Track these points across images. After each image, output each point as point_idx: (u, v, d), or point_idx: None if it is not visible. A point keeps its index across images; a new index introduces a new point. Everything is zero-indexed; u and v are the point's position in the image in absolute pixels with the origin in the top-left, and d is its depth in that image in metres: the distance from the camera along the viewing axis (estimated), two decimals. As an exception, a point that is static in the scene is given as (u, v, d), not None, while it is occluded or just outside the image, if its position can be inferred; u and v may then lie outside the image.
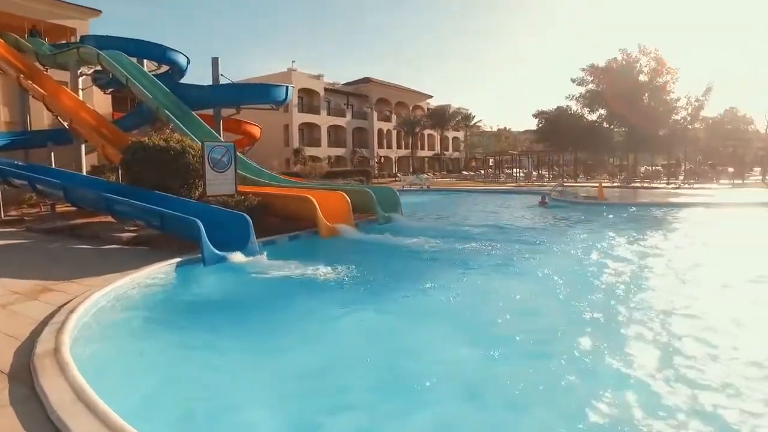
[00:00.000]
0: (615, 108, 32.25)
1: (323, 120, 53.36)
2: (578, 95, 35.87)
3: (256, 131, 29.46)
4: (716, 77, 78.64)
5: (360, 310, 6.41)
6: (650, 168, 41.06)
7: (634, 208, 18.42)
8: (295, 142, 49.45)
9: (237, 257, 8.75)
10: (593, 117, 35.47)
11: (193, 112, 18.60)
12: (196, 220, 8.49)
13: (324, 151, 52.75)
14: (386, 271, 8.57)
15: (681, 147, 32.69)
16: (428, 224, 14.77)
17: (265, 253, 9.08)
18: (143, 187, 11.35)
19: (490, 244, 10.92)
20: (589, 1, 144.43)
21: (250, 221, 9.40)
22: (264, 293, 7.46)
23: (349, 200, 12.58)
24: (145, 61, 22.62)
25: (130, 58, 20.20)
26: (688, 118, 33.18)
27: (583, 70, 34.69)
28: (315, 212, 11.24)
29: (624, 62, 32.28)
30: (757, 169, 36.64)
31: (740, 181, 31.04)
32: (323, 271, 8.21)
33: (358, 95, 60.62)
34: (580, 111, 35.82)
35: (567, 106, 36.76)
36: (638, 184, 31.47)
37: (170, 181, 11.65)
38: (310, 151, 49.62)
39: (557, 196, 22.77)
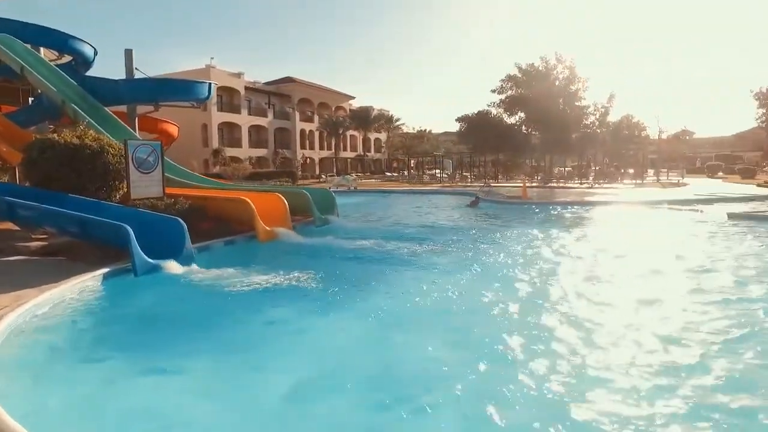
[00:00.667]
0: (533, 112, 34.11)
1: (244, 120, 51.44)
2: (498, 101, 37.50)
3: (173, 130, 27.63)
4: (617, 86, 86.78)
5: (313, 318, 6.05)
6: (563, 169, 43.84)
7: (557, 207, 19.40)
8: (215, 143, 47.22)
9: (172, 266, 8.00)
10: (512, 120, 37.27)
11: (106, 108, 16.98)
12: (125, 225, 7.64)
13: (245, 151, 50.88)
14: (334, 275, 8.17)
15: (591, 149, 35.23)
16: (367, 225, 14.56)
17: (197, 261, 8.41)
18: (52, 190, 10.10)
19: (432, 244, 10.91)
20: (512, 9, 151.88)
21: (185, 226, 8.65)
22: (207, 305, 6.82)
23: (286, 202, 12.04)
24: (42, 49, 20.28)
25: (25, 44, 18.02)
26: (596, 123, 35.92)
27: (503, 80, 36.39)
28: (252, 215, 10.62)
29: (543, 69, 34.21)
30: (651, 170, 40.26)
31: (640, 181, 33.99)
32: (268, 278, 7.70)
33: (279, 95, 59.17)
34: (500, 115, 37.46)
35: (487, 110, 38.29)
36: (554, 184, 33.42)
37: (86, 183, 10.49)
38: (230, 151, 47.62)
39: (484, 197, 23.49)
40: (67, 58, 20.90)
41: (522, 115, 36.44)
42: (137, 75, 19.19)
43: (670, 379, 4.17)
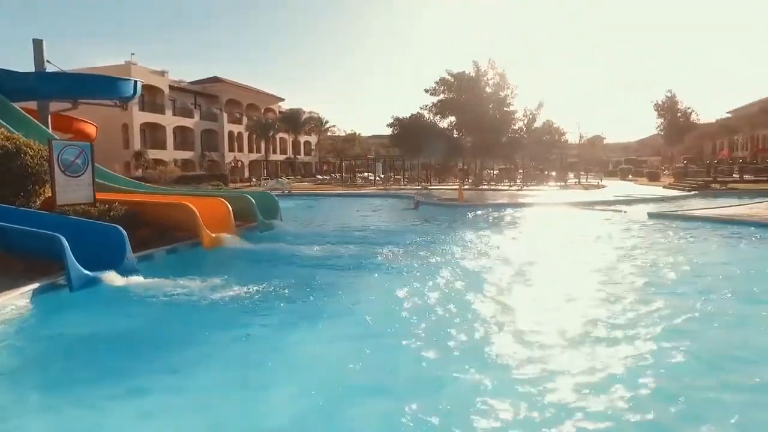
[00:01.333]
0: (464, 116, 35.15)
1: (169, 120, 48.74)
2: (431, 104, 38.22)
3: (90, 130, 25.54)
4: (544, 93, 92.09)
5: (273, 330, 5.75)
6: (491, 172, 45.53)
7: (494, 208, 20.06)
8: (137, 144, 44.35)
9: (112, 278, 7.37)
10: (444, 124, 38.17)
11: (15, 105, 15.36)
12: (58, 235, 6.91)
13: (170, 153, 48.22)
14: (289, 282, 7.76)
15: (518, 153, 36.91)
16: (312, 230, 14.27)
17: (141, 271, 7.81)
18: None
19: (384, 247, 10.80)
20: (443, 16, 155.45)
21: (125, 234, 7.98)
22: (155, 320, 6.34)
23: (230, 207, 11.49)
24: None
25: None
26: (524, 129, 37.71)
27: (436, 82, 37.16)
28: (196, 221, 10.01)
29: (474, 74, 35.35)
30: (572, 174, 42.82)
31: (563, 184, 36.06)
32: (218, 288, 7.29)
33: (206, 95, 56.72)
34: (432, 118, 38.22)
35: (419, 113, 38.96)
36: (485, 187, 34.62)
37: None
38: (153, 153, 44.94)
39: (422, 199, 23.83)
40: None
41: (453, 119, 37.41)
42: (49, 68, 17.49)
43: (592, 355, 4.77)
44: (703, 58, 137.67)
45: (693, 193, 26.31)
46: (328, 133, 78.47)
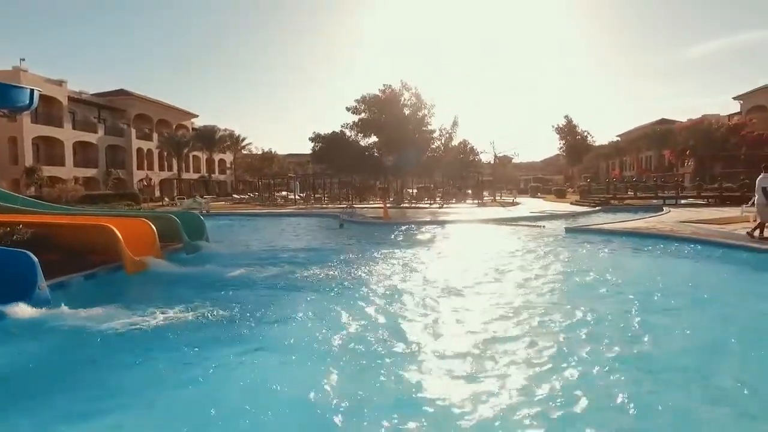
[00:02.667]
0: (385, 136, 35.74)
1: (68, 135, 44.71)
2: (351, 123, 38.47)
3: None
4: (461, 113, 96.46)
5: (210, 362, 5.32)
6: (411, 190, 46.54)
7: (419, 226, 20.44)
8: (29, 160, 40.18)
9: (20, 310, 6.52)
10: (366, 143, 38.50)
11: None
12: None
13: (69, 171, 44.18)
14: (222, 307, 7.19)
15: (437, 172, 38.16)
16: (239, 251, 13.62)
17: (55, 302, 6.98)
18: None
19: (312, 268, 10.52)
20: (361, 35, 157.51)
21: (36, 260, 7.09)
22: (76, 357, 5.65)
23: (155, 228, 10.67)
24: None
25: None
26: (442, 148, 39.09)
27: (357, 101, 37.50)
28: (117, 244, 9.17)
29: (390, 95, 36.10)
30: (486, 191, 45.00)
31: (480, 201, 37.72)
32: (147, 317, 6.70)
33: (112, 108, 52.88)
34: (354, 137, 38.41)
35: (341, 131, 39.03)
36: (407, 205, 35.27)
37: None
38: (49, 170, 40.93)
39: (347, 218, 23.74)
40: None
41: (375, 138, 37.91)
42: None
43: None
44: (597, 84, 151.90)
45: (597, 208, 28.61)
46: (244, 151, 76.37)
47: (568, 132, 64.48)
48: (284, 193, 50.32)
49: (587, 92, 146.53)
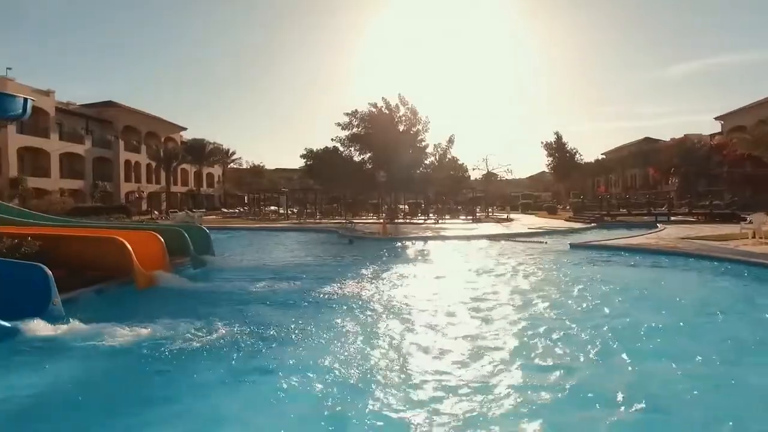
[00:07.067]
0: (379, 152, 35.63)
1: (54, 146, 43.84)
2: (344, 138, 38.32)
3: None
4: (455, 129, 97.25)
5: (233, 380, 5.10)
6: (403, 206, 46.44)
7: (421, 242, 20.26)
8: (13, 171, 39.22)
9: (35, 326, 6.13)
10: (361, 158, 38.32)
11: None
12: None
13: (55, 182, 43.22)
14: (245, 325, 6.90)
15: (431, 187, 38.18)
16: (247, 265, 13.29)
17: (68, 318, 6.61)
18: None
19: (326, 284, 10.20)
20: (354, 49, 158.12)
21: (50, 274, 6.72)
22: (98, 377, 5.32)
23: (164, 242, 10.30)
24: None
25: None
26: (436, 163, 39.13)
27: (349, 114, 37.40)
28: (129, 258, 8.79)
29: (385, 110, 36.10)
30: (478, 207, 45.12)
31: (474, 217, 37.74)
32: (167, 334, 6.36)
33: (100, 120, 52.10)
34: (348, 152, 38.25)
35: (334, 146, 38.88)
36: (402, 221, 35.11)
37: None
38: (34, 182, 39.99)
39: (346, 233, 23.47)
40: None
41: (369, 154, 37.78)
42: None
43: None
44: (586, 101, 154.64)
45: (592, 225, 28.74)
46: (234, 165, 75.85)
47: (557, 149, 65.20)
48: (273, 207, 49.85)
49: (571, 110, 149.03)
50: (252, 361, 5.66)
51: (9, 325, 5.85)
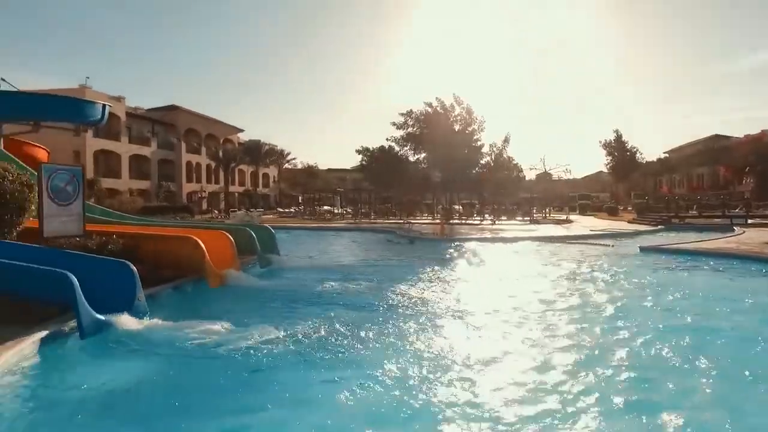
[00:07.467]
0: (434, 151, 35.42)
1: (124, 148, 46.44)
2: (399, 137, 38.33)
3: (42, 155, 23.34)
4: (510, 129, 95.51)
5: (312, 381, 5.04)
6: (457, 207, 45.89)
7: (481, 243, 19.85)
8: (90, 172, 41.78)
9: (124, 321, 6.34)
10: (416, 158, 38.25)
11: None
12: (68, 273, 5.87)
13: (125, 183, 45.76)
14: (323, 325, 6.82)
15: (487, 188, 37.51)
16: (313, 264, 13.46)
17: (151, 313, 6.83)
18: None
19: (397, 284, 10.07)
20: (407, 51, 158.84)
21: (136, 271, 6.97)
22: (191, 373, 5.39)
23: (234, 241, 10.55)
24: None
25: None
26: (492, 163, 38.44)
27: (404, 114, 37.40)
28: (202, 257, 9.04)
29: (440, 110, 35.85)
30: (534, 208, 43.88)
31: (531, 218, 36.70)
32: (245, 332, 6.34)
33: (164, 123, 54.76)
34: (403, 152, 38.28)
35: (389, 146, 38.95)
36: (458, 222, 34.64)
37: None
38: (107, 182, 42.46)
39: (405, 233, 23.37)
40: None
41: (424, 154, 37.63)
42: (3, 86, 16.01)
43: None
44: (641, 101, 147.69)
45: (660, 227, 27.24)
46: (289, 166, 77.59)
47: (617, 148, 62.37)
48: (327, 207, 50.55)
49: (631, 108, 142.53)
50: (334, 360, 5.60)
51: (104, 319, 6.09)
